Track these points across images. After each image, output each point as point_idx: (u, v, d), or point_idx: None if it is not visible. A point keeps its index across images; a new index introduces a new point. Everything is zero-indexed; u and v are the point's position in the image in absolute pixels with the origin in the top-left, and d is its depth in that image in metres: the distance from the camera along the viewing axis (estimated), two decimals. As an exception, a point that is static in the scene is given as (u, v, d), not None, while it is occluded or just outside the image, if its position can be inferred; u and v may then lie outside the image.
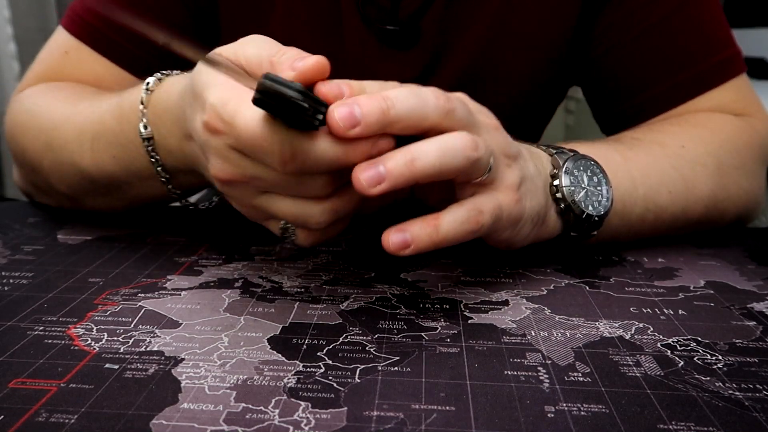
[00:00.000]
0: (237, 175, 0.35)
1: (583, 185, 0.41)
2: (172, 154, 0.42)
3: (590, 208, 0.41)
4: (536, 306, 0.39)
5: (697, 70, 0.54)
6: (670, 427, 0.27)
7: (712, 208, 0.50)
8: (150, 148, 0.42)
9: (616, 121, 0.58)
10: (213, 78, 0.34)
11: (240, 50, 0.35)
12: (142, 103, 0.42)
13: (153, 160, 0.43)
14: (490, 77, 0.57)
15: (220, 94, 0.34)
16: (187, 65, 0.65)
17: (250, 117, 0.32)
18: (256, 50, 0.35)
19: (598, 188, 0.42)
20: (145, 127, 0.42)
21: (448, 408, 0.28)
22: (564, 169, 0.41)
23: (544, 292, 0.41)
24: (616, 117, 0.58)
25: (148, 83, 0.42)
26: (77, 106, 0.49)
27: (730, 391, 0.30)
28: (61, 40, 0.57)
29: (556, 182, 0.41)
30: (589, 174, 0.42)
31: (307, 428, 0.27)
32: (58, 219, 0.54)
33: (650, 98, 0.55)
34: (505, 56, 0.56)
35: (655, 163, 0.47)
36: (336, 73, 0.57)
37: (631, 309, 0.39)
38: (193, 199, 0.47)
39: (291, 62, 0.33)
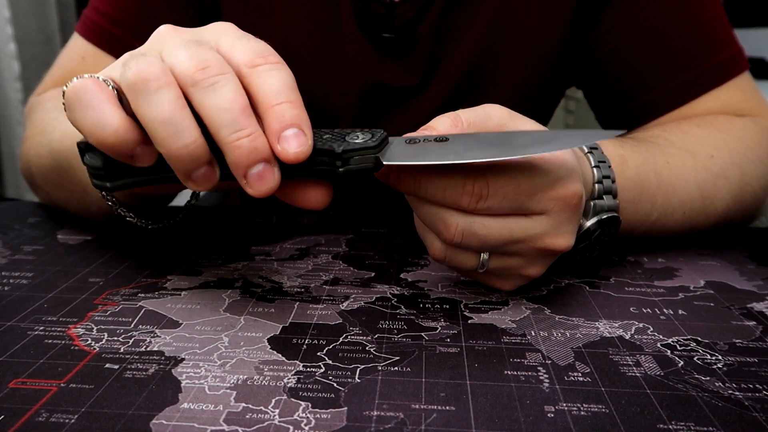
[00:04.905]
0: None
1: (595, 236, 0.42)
2: None
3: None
4: (536, 306, 0.39)
5: (700, 70, 0.54)
6: (670, 427, 0.27)
7: (722, 221, 0.50)
8: None
9: (619, 122, 0.58)
10: None
11: None
12: None
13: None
14: (487, 81, 0.57)
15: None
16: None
17: None
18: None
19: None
20: None
21: (448, 408, 0.28)
22: (588, 228, 0.41)
23: (544, 292, 0.41)
24: (619, 119, 0.58)
25: None
26: None
27: (730, 391, 0.30)
28: (77, 46, 0.58)
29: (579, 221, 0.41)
30: (605, 228, 0.42)
31: (307, 428, 0.27)
32: (58, 219, 0.54)
33: (654, 99, 0.55)
34: (502, 60, 0.56)
35: (682, 182, 0.47)
36: (336, 78, 0.58)
37: (631, 309, 0.39)
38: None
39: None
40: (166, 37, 0.33)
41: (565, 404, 0.29)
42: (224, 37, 0.34)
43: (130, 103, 0.30)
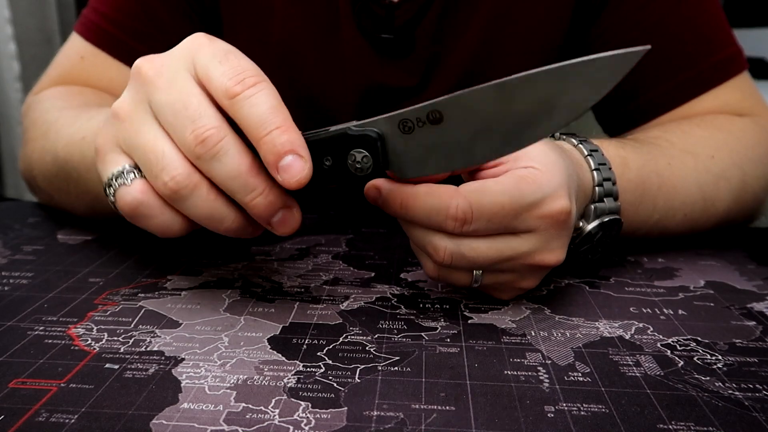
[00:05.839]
0: (134, 107, 0.34)
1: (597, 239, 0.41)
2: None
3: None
4: (536, 306, 0.39)
5: (699, 69, 0.54)
6: (670, 427, 0.27)
7: (723, 222, 0.50)
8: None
9: (619, 122, 0.58)
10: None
11: None
12: None
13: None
14: (486, 82, 0.57)
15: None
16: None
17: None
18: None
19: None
20: None
21: (448, 408, 0.28)
22: (589, 231, 0.41)
23: (544, 292, 0.41)
24: (618, 119, 0.58)
25: None
26: (82, 104, 0.50)
27: (730, 391, 0.30)
28: (76, 46, 0.58)
29: (580, 224, 0.41)
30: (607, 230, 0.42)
31: (307, 428, 0.27)
32: (58, 219, 0.54)
33: (652, 99, 0.55)
34: (500, 62, 0.56)
35: (683, 183, 0.47)
36: (335, 78, 0.58)
37: (631, 309, 0.39)
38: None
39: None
40: (147, 79, 0.33)
41: (565, 404, 0.29)
42: (198, 59, 0.33)
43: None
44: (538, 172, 0.34)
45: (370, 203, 0.36)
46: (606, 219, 0.40)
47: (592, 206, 0.40)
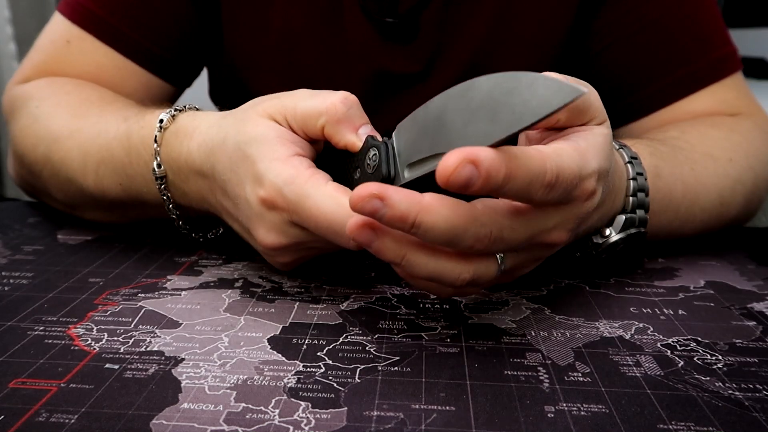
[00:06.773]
0: (291, 244, 0.36)
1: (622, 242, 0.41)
2: (187, 196, 0.41)
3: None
4: (536, 306, 0.39)
5: (697, 66, 0.54)
6: (670, 427, 0.27)
7: (731, 224, 0.50)
8: (162, 186, 0.42)
9: (615, 117, 0.58)
10: (268, 149, 0.34)
11: (290, 103, 0.36)
12: (156, 141, 0.41)
13: (165, 197, 0.42)
14: (491, 72, 0.57)
15: (281, 170, 0.34)
16: (192, 67, 0.65)
17: (322, 200, 0.32)
18: (310, 103, 0.36)
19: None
20: (159, 166, 0.41)
21: (448, 408, 0.28)
22: (615, 242, 0.40)
23: (544, 292, 0.41)
24: (618, 113, 0.58)
25: (161, 120, 0.41)
26: (81, 121, 0.47)
27: (730, 391, 0.30)
28: (61, 28, 0.55)
29: (607, 232, 0.40)
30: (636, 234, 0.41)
31: (307, 428, 0.27)
32: (58, 219, 0.54)
33: (649, 95, 0.55)
34: (505, 53, 0.56)
35: (704, 190, 0.46)
36: (337, 65, 0.58)
37: (631, 309, 0.39)
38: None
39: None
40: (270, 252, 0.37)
41: (565, 404, 0.29)
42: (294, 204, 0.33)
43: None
44: (586, 147, 0.31)
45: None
46: (632, 231, 0.40)
47: (623, 216, 0.40)
